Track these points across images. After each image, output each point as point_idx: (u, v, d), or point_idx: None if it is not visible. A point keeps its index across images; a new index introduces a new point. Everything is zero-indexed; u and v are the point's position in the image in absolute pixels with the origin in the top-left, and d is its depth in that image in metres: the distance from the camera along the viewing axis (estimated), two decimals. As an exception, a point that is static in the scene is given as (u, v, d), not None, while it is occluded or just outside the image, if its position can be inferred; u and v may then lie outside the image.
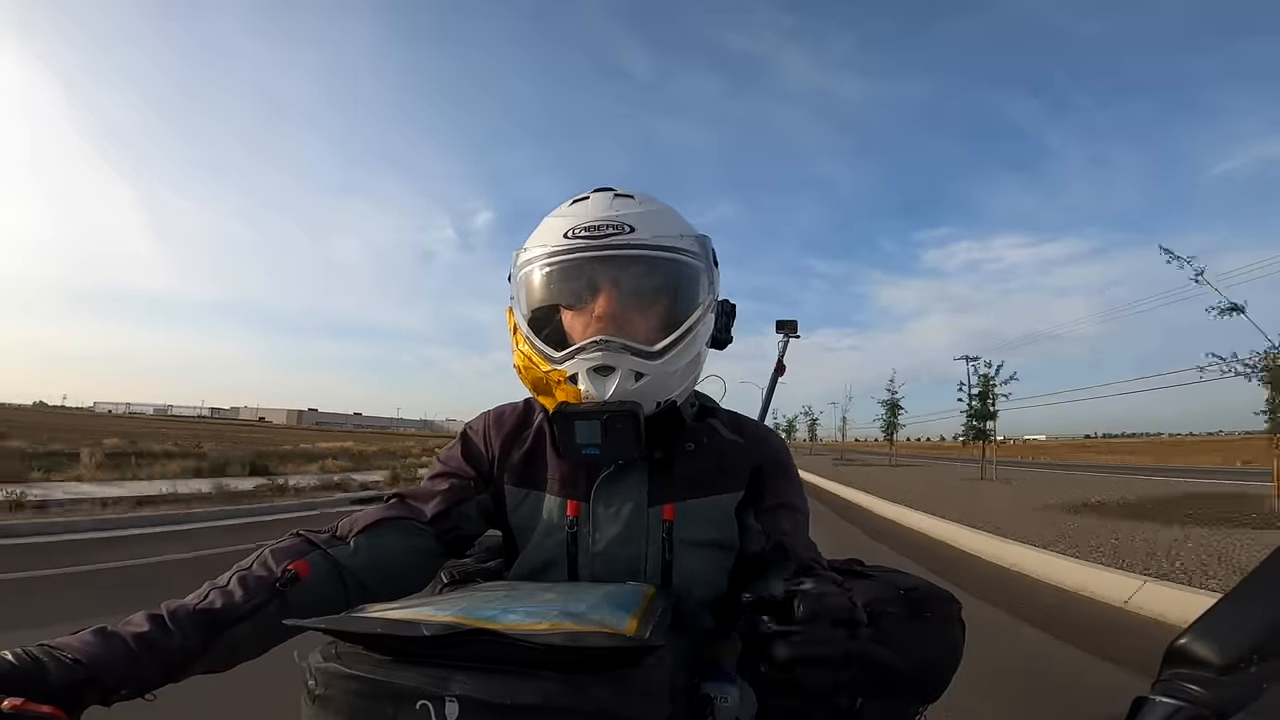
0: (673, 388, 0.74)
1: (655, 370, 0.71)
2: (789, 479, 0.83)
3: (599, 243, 0.72)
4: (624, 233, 0.72)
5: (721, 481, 0.78)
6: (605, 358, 0.70)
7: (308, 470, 13.66)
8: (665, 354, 0.72)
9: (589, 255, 0.72)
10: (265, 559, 0.65)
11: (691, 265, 0.75)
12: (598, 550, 0.74)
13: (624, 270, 0.73)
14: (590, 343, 0.71)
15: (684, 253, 0.75)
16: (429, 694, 0.45)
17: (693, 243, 0.76)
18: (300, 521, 0.71)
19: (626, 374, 0.70)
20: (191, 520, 7.30)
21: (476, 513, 0.80)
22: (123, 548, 5.60)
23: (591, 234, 0.72)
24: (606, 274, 0.73)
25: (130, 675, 0.53)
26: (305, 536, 0.70)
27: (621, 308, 0.72)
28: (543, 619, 0.50)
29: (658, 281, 0.74)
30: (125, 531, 6.44)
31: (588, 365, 0.70)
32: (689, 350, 0.74)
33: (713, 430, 0.82)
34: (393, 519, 0.74)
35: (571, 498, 0.76)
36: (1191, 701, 0.37)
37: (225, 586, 0.62)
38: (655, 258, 0.73)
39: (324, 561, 0.68)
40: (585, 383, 0.71)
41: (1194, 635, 0.39)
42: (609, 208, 0.74)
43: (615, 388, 0.70)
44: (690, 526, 0.74)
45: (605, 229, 0.72)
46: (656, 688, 0.49)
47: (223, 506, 8.12)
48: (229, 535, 6.44)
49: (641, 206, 0.75)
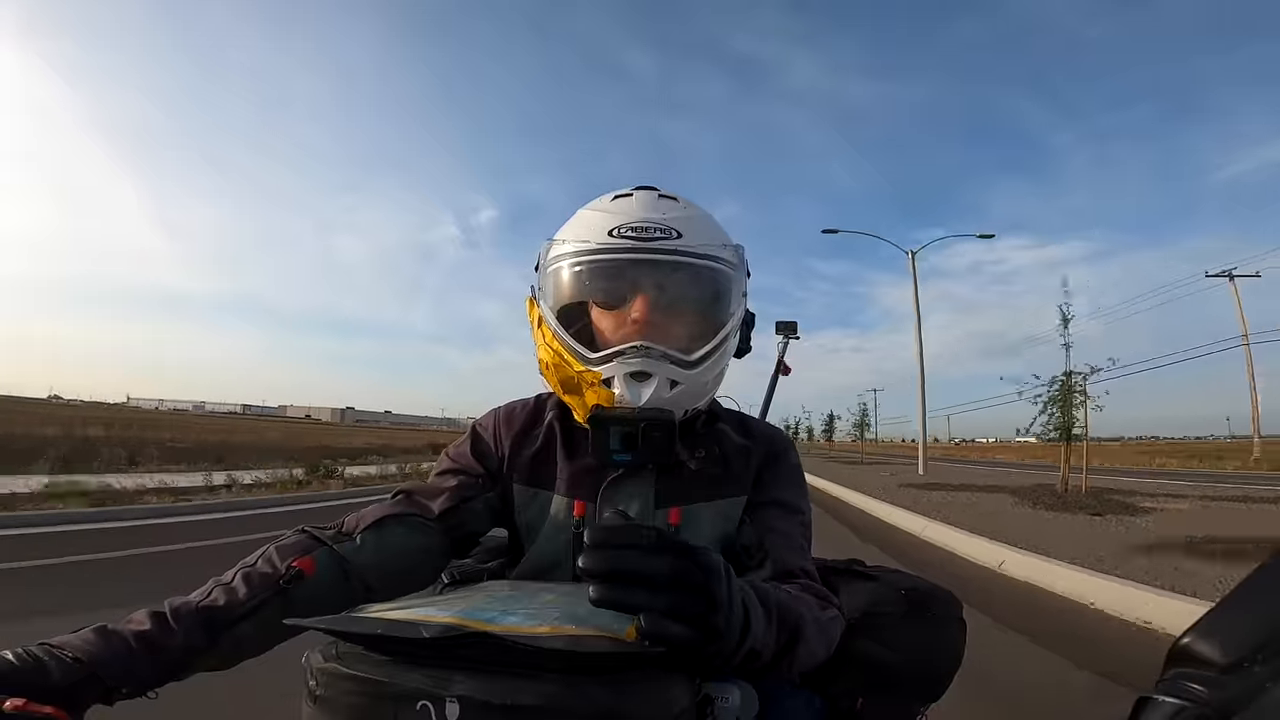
0: (702, 396, 0.75)
1: (690, 379, 0.71)
2: (788, 477, 0.81)
3: (646, 245, 0.70)
4: (671, 238, 0.71)
5: (728, 486, 0.77)
6: (645, 364, 0.69)
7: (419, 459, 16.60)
8: (701, 363, 0.72)
9: (635, 257, 0.71)
10: (270, 555, 0.65)
11: (730, 275, 0.75)
12: None
13: (668, 276, 0.72)
14: (631, 347, 0.70)
15: (724, 262, 0.74)
16: (429, 695, 0.44)
17: (732, 252, 0.75)
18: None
19: (663, 382, 0.69)
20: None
21: (484, 510, 0.79)
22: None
23: (639, 235, 0.71)
24: (650, 278, 0.72)
25: (131, 674, 0.53)
26: (311, 533, 0.69)
27: (661, 314, 0.72)
28: (543, 621, 0.49)
29: (699, 290, 0.74)
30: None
31: (626, 370, 0.70)
32: (721, 360, 0.75)
33: (721, 434, 0.80)
34: (400, 515, 0.73)
35: (579, 498, 0.75)
36: (1194, 701, 0.37)
37: (229, 583, 0.62)
38: (700, 266, 0.72)
39: (329, 558, 0.67)
40: (621, 387, 0.70)
41: (1197, 635, 0.39)
42: (654, 209, 0.73)
43: (651, 395, 0.69)
44: (696, 531, 0.73)
45: (653, 231, 0.71)
46: (657, 690, 0.49)
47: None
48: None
49: (685, 211, 0.75)
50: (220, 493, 9.85)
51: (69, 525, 6.48)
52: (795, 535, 0.76)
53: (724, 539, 0.75)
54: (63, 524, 6.51)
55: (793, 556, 0.72)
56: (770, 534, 0.73)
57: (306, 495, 10.30)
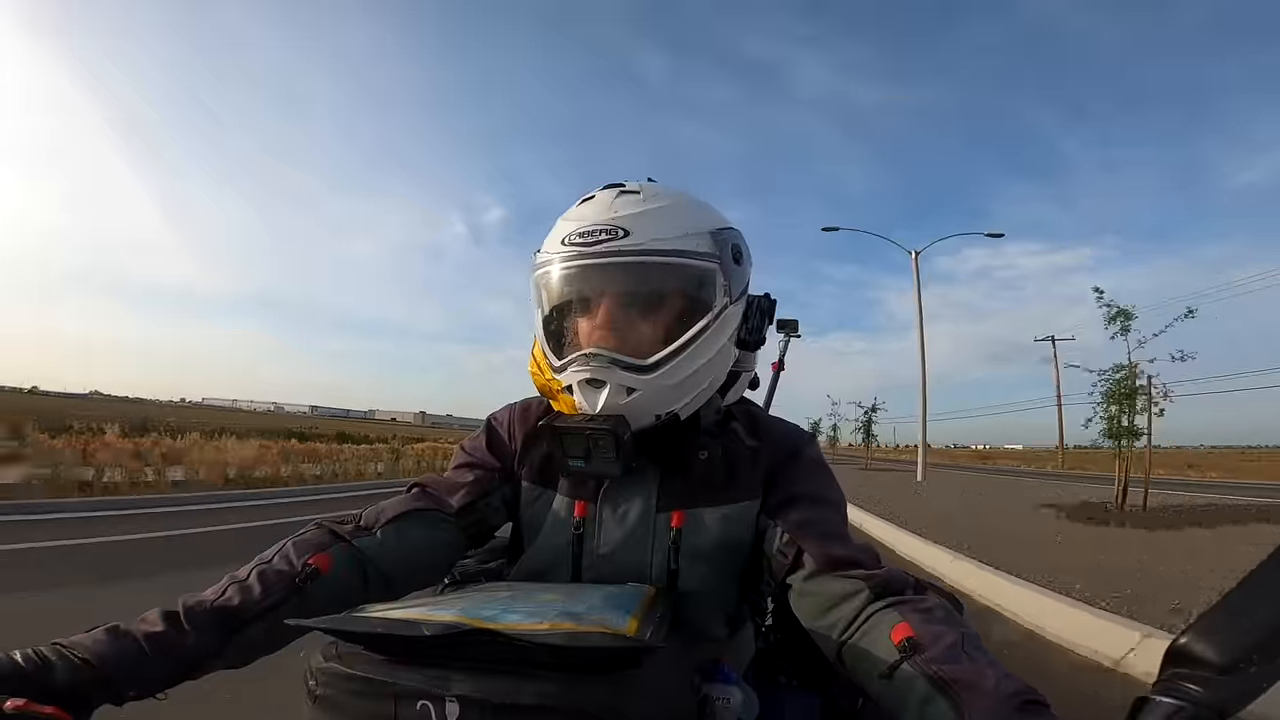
0: (672, 401, 0.70)
1: (647, 385, 0.67)
2: (806, 468, 0.76)
3: (590, 250, 0.68)
4: (617, 238, 0.67)
5: (734, 490, 0.74)
6: (596, 371, 0.68)
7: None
8: (659, 368, 0.68)
9: (581, 264, 0.69)
10: (287, 552, 0.64)
11: (695, 267, 0.69)
12: (602, 553, 0.73)
13: (616, 279, 0.69)
14: (581, 355, 0.68)
15: (687, 254, 0.69)
16: (429, 694, 0.45)
17: (701, 241, 0.70)
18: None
19: (616, 389, 0.67)
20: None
21: (500, 505, 0.79)
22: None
23: (585, 241, 0.68)
24: (600, 283, 0.70)
25: (140, 675, 0.53)
26: (329, 528, 0.68)
27: (619, 317, 0.69)
28: (543, 619, 0.50)
29: (655, 288, 0.70)
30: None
31: (579, 378, 0.69)
32: (693, 361, 0.69)
33: (732, 436, 0.77)
34: (419, 510, 0.73)
35: (580, 498, 0.75)
36: (1192, 701, 0.37)
37: (245, 581, 0.61)
38: (649, 263, 0.68)
39: (346, 554, 0.66)
40: (578, 395, 0.70)
41: (1194, 635, 0.39)
42: (608, 209, 0.70)
43: (604, 402, 0.67)
44: (698, 535, 0.72)
45: (599, 234, 0.68)
46: (656, 688, 0.49)
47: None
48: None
49: (645, 204, 0.70)
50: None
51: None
52: (832, 523, 0.71)
53: (727, 544, 0.73)
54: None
55: (835, 546, 0.66)
56: (801, 529, 0.69)
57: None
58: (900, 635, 0.55)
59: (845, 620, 0.61)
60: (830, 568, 0.65)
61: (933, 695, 0.50)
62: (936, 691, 0.50)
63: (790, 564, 0.68)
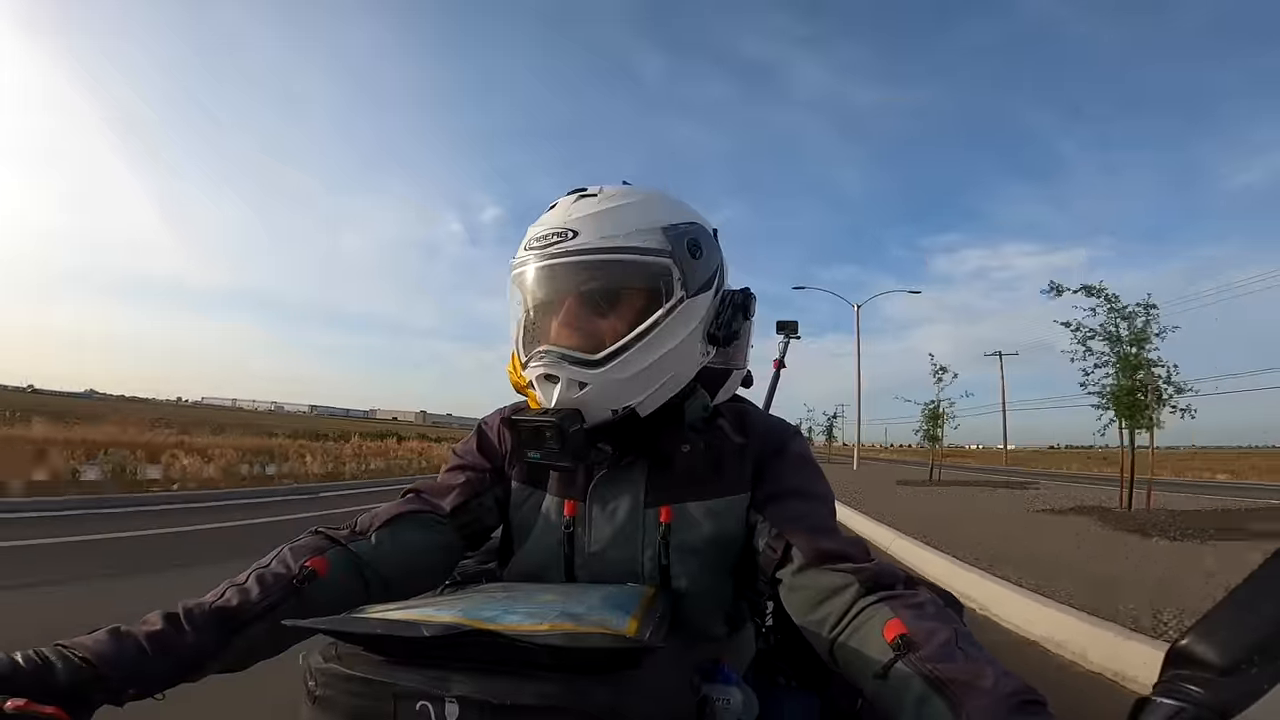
0: (626, 395, 0.69)
1: (597, 379, 0.68)
2: (794, 465, 0.77)
3: (541, 252, 0.70)
4: (566, 239, 0.69)
5: (722, 483, 0.74)
6: (548, 367, 0.69)
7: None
8: (608, 362, 0.68)
9: (535, 265, 0.71)
10: (284, 557, 0.65)
11: (645, 263, 0.69)
12: (594, 551, 0.73)
13: (565, 279, 0.71)
14: (537, 352, 0.70)
15: (635, 251, 0.69)
16: (429, 695, 0.45)
17: (652, 237, 0.70)
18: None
19: (568, 383, 0.68)
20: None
21: (494, 506, 0.80)
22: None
23: (540, 244, 0.70)
24: (552, 283, 0.72)
25: (140, 675, 0.53)
26: (324, 533, 0.70)
27: (576, 315, 0.71)
28: (543, 620, 0.50)
29: (605, 286, 0.70)
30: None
31: (536, 374, 0.70)
32: (645, 355, 0.69)
33: (718, 431, 0.77)
34: (412, 513, 0.74)
35: (569, 497, 0.75)
36: (1193, 703, 0.37)
37: (243, 584, 0.62)
38: (594, 261, 0.69)
39: (343, 558, 0.67)
40: (538, 390, 0.71)
41: (1196, 636, 0.39)
42: (565, 213, 0.71)
43: (558, 396, 0.69)
44: (688, 529, 0.72)
45: (550, 237, 0.70)
46: (656, 688, 0.49)
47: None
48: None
49: (599, 205, 0.71)
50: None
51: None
52: (820, 517, 0.71)
53: (718, 538, 0.73)
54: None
55: (824, 539, 0.66)
56: (789, 524, 0.69)
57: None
58: (893, 633, 0.54)
59: (836, 615, 0.61)
60: (819, 561, 0.65)
61: (929, 695, 0.49)
62: (933, 691, 0.49)
63: (779, 558, 0.68)
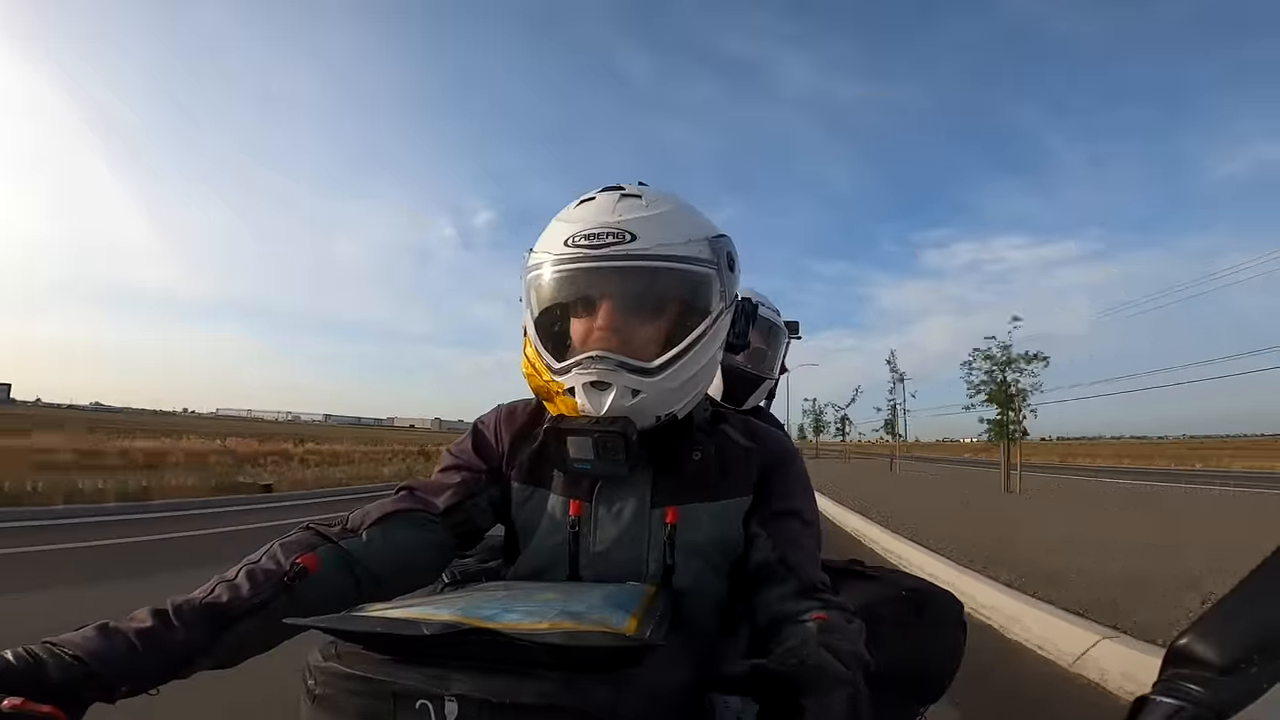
0: (673, 403, 0.72)
1: (652, 387, 0.69)
2: (799, 487, 0.80)
3: (597, 253, 0.69)
4: (624, 241, 0.69)
5: (727, 487, 0.75)
6: (602, 374, 0.68)
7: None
8: (663, 370, 0.69)
9: (586, 266, 0.70)
10: (275, 553, 0.64)
11: (698, 273, 0.72)
12: (599, 551, 0.73)
13: (623, 282, 0.70)
14: (586, 358, 0.69)
15: (690, 260, 0.71)
16: (428, 693, 0.45)
17: (702, 248, 0.72)
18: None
19: (622, 391, 0.68)
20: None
21: (488, 506, 0.79)
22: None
23: (591, 243, 0.69)
24: (605, 285, 0.71)
25: (131, 672, 0.53)
26: (316, 529, 0.69)
27: (622, 320, 0.70)
28: (543, 618, 0.50)
29: (660, 293, 0.72)
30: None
31: (584, 380, 0.69)
32: (693, 364, 0.71)
33: (723, 435, 0.79)
34: (405, 511, 0.73)
35: (575, 497, 0.75)
36: (1192, 701, 0.37)
37: (233, 580, 0.61)
38: (656, 268, 0.70)
39: (334, 555, 0.67)
40: (581, 397, 0.70)
41: (1195, 635, 0.39)
42: (612, 211, 0.71)
43: (610, 404, 0.68)
44: (693, 530, 0.73)
45: (605, 237, 0.69)
46: (657, 688, 0.49)
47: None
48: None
49: (648, 209, 0.72)
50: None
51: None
52: (812, 548, 0.76)
53: (722, 540, 0.74)
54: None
55: (814, 572, 0.72)
56: (791, 549, 0.72)
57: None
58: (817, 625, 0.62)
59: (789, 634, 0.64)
60: (809, 592, 0.69)
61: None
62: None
63: (778, 579, 0.71)
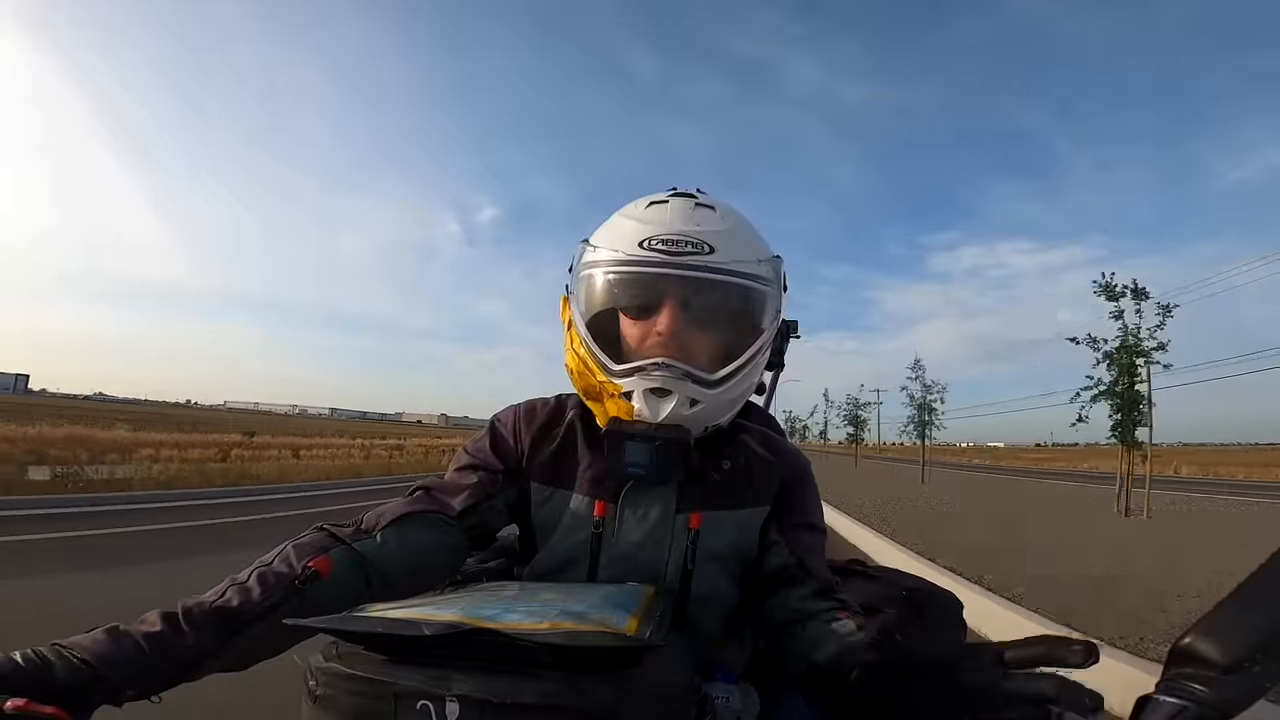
0: (723, 414, 0.74)
1: (710, 399, 0.70)
2: (814, 498, 0.83)
3: (676, 260, 0.70)
4: (703, 253, 0.70)
5: (749, 496, 0.77)
6: (665, 381, 0.69)
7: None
8: (724, 383, 0.71)
9: (664, 271, 0.70)
10: (287, 555, 0.63)
11: (763, 292, 0.74)
12: (620, 552, 0.73)
13: (697, 293, 0.71)
14: (652, 364, 0.69)
15: (758, 279, 0.73)
16: (429, 694, 0.45)
17: (768, 268, 0.74)
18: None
19: (682, 400, 0.69)
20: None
21: (504, 508, 0.79)
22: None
23: (670, 249, 0.70)
24: (679, 293, 0.71)
25: (139, 675, 0.52)
26: (329, 530, 0.68)
27: (688, 330, 0.71)
28: (543, 619, 0.50)
29: (729, 308, 0.73)
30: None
31: (646, 385, 0.69)
32: (748, 379, 0.74)
33: (745, 445, 0.81)
34: (420, 513, 0.72)
35: (600, 498, 0.75)
36: (1195, 701, 0.37)
37: (244, 583, 0.60)
38: (731, 284, 0.71)
39: (347, 557, 0.66)
40: (640, 402, 0.69)
41: (1198, 635, 0.39)
42: (689, 220, 0.72)
43: (670, 412, 0.69)
44: (715, 537, 0.74)
45: (684, 245, 0.70)
46: (657, 687, 0.49)
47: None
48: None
49: (723, 223, 0.73)
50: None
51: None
52: (823, 553, 0.80)
53: (740, 547, 0.76)
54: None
55: (829, 575, 0.76)
56: (808, 555, 0.76)
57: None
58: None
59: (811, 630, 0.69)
60: (826, 593, 0.73)
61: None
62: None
63: (796, 583, 0.74)
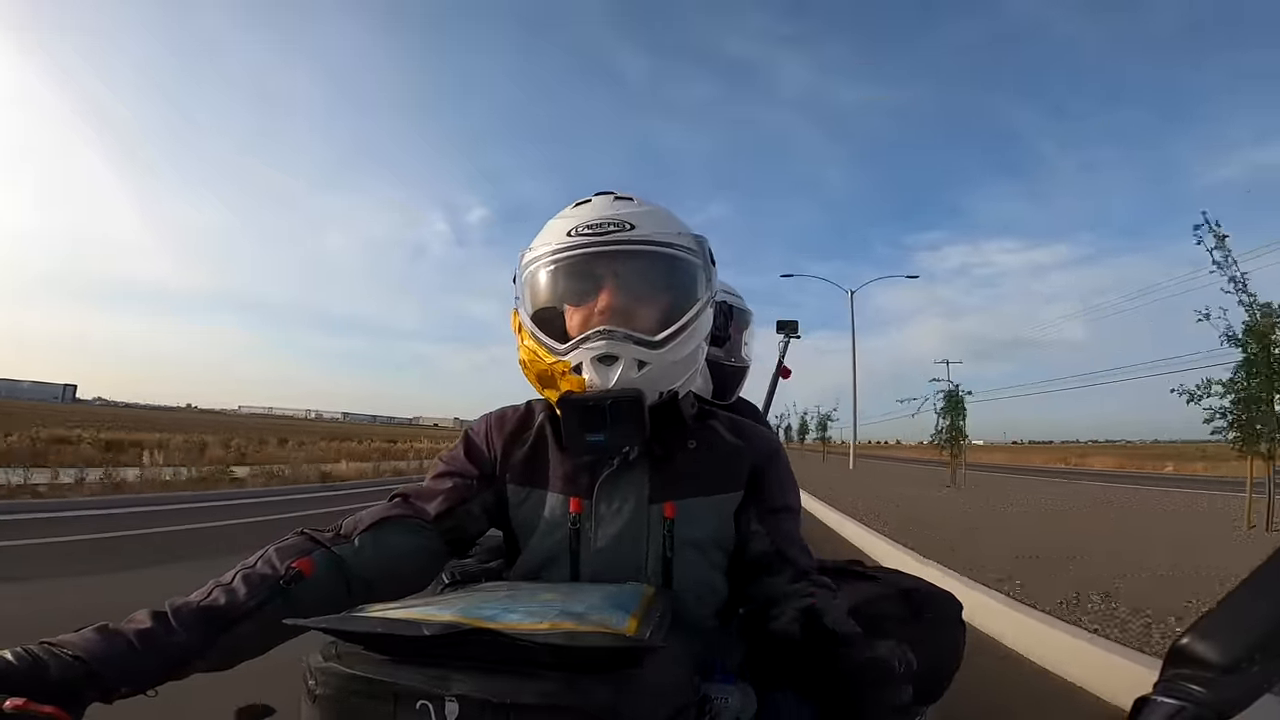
0: (675, 378, 0.76)
1: (657, 359, 0.73)
2: (786, 479, 0.84)
3: (601, 238, 0.74)
4: (625, 229, 0.75)
5: (722, 482, 0.78)
6: (609, 347, 0.72)
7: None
8: (667, 344, 0.74)
9: (592, 250, 0.74)
10: (269, 557, 0.65)
11: (689, 261, 0.78)
12: (600, 547, 0.74)
13: (625, 264, 0.75)
14: (594, 333, 0.72)
15: (682, 249, 0.78)
16: (429, 694, 0.45)
17: (690, 240, 0.79)
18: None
19: (630, 363, 0.72)
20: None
21: (480, 512, 0.80)
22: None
23: (595, 231, 0.74)
24: (609, 268, 0.75)
25: (130, 672, 0.53)
26: (309, 535, 0.70)
27: (624, 301, 0.75)
28: (543, 619, 0.50)
29: (658, 275, 0.77)
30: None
31: (591, 354, 0.72)
32: (689, 342, 0.76)
33: (713, 431, 0.83)
34: (396, 518, 0.74)
35: (574, 495, 0.76)
36: (1193, 702, 0.37)
37: (229, 584, 0.62)
38: (656, 252, 0.76)
39: (328, 560, 0.68)
40: (589, 371, 0.72)
41: (1196, 635, 0.39)
42: (609, 208, 0.77)
43: (619, 376, 0.71)
44: (690, 525, 0.75)
45: (608, 226, 0.75)
46: (657, 687, 0.49)
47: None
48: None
49: (641, 207, 0.79)
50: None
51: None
52: (799, 536, 0.81)
53: (718, 535, 0.77)
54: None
55: (804, 558, 0.78)
56: (786, 543, 0.78)
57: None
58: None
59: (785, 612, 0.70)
60: (802, 577, 0.75)
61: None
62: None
63: (774, 571, 0.76)
